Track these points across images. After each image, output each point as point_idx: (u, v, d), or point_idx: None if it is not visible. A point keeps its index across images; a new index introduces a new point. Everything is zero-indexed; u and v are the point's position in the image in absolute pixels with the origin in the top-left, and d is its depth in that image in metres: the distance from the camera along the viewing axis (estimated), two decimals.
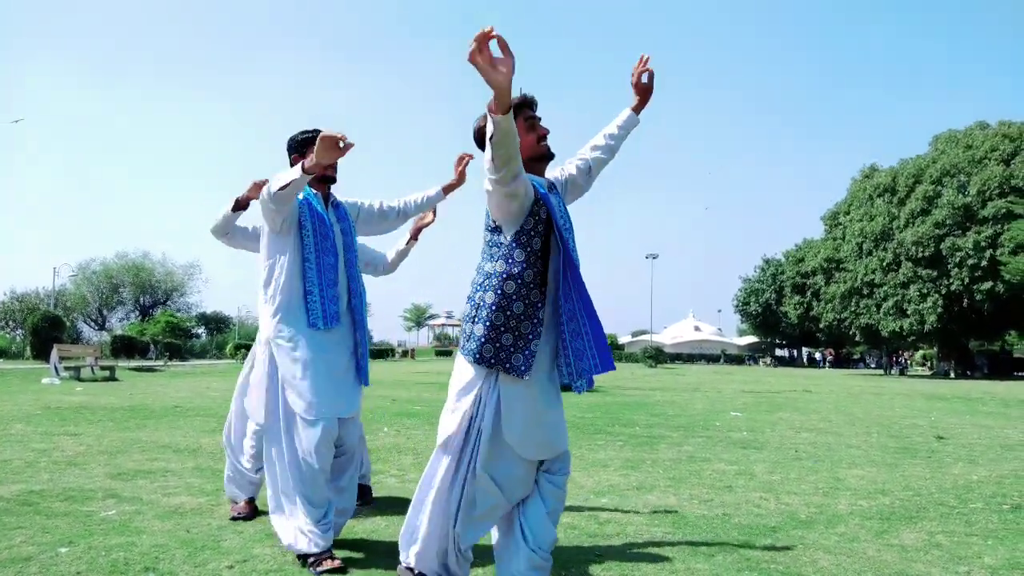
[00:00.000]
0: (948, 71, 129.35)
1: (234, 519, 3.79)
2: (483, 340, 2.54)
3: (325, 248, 3.33)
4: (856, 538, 3.71)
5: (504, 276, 2.56)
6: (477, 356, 2.54)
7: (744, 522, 4.01)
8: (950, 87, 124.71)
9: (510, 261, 2.57)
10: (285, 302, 3.29)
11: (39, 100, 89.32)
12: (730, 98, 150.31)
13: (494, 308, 2.55)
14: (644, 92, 3.11)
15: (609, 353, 2.66)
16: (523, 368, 2.54)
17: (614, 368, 2.76)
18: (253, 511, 3.89)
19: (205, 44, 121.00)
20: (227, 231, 3.93)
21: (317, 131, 3.25)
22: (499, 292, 2.56)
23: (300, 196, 3.33)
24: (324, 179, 3.45)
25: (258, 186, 3.68)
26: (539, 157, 2.75)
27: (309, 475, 3.14)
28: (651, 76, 3.08)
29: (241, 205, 3.84)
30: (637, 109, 3.13)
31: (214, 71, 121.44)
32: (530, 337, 2.56)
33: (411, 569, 2.65)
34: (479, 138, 2.77)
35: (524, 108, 2.70)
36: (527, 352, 2.55)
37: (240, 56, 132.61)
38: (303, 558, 3.06)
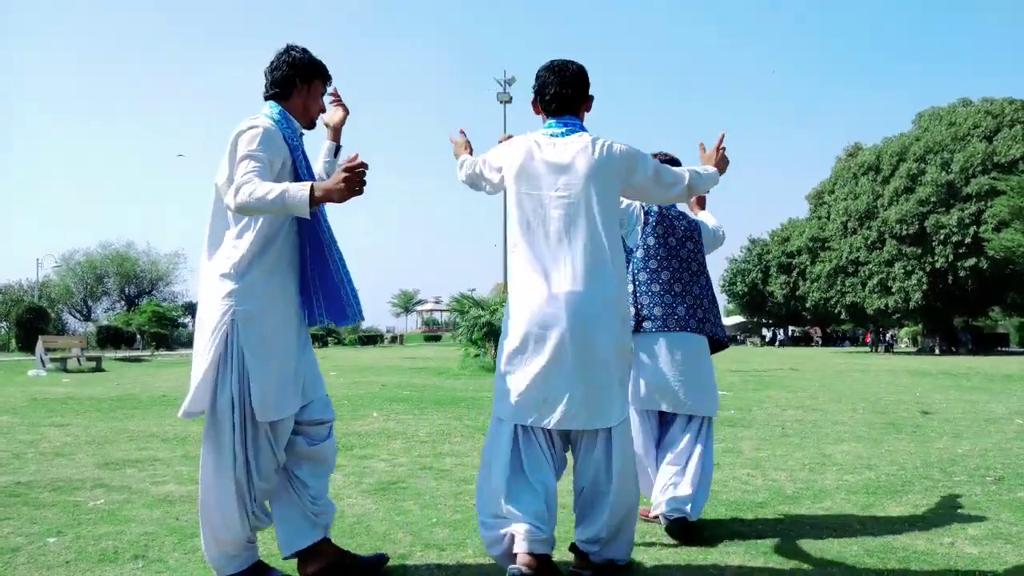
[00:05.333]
0: (931, 48, 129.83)
1: None
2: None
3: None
4: (842, 512, 3.76)
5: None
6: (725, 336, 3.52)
7: (732, 498, 4.05)
8: (933, 64, 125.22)
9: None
10: None
11: (25, 89, 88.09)
12: (712, 78, 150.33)
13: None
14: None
15: None
16: None
17: None
18: None
19: (193, 32, 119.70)
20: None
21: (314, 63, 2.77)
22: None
23: None
24: None
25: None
26: None
27: None
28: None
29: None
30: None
31: (198, 58, 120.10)
32: None
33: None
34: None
35: None
36: None
37: (226, 43, 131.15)
38: None
